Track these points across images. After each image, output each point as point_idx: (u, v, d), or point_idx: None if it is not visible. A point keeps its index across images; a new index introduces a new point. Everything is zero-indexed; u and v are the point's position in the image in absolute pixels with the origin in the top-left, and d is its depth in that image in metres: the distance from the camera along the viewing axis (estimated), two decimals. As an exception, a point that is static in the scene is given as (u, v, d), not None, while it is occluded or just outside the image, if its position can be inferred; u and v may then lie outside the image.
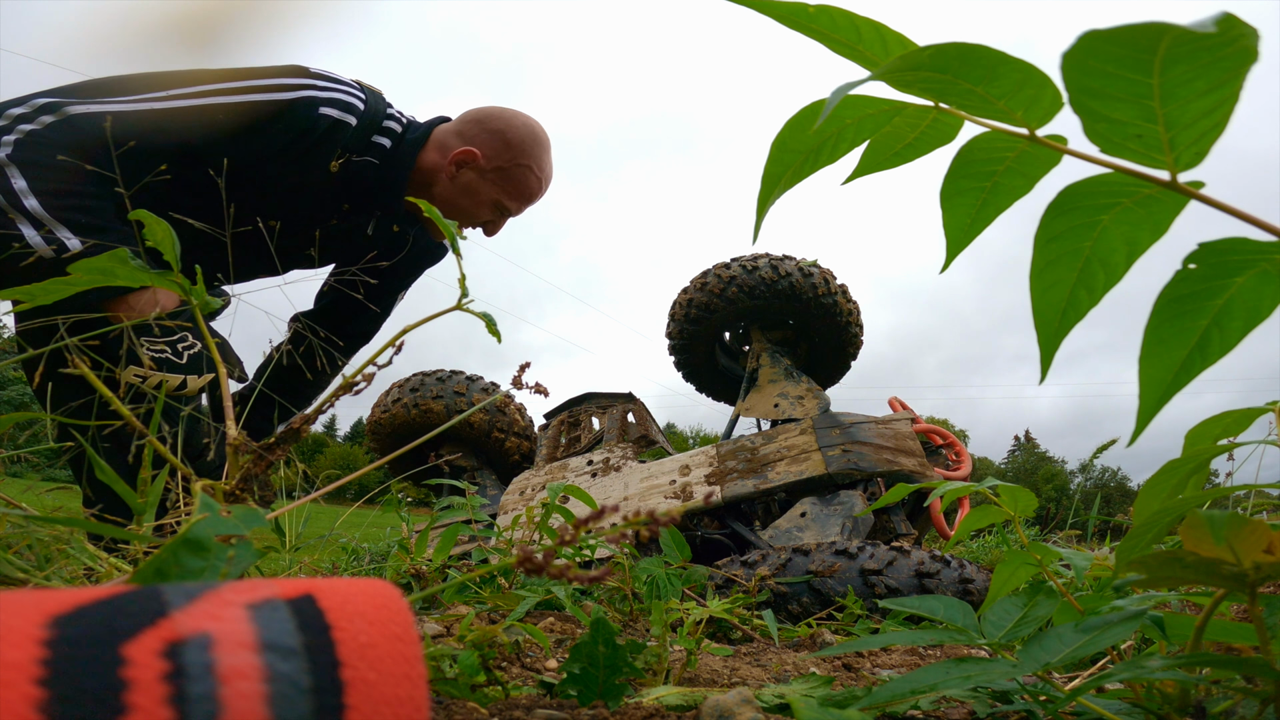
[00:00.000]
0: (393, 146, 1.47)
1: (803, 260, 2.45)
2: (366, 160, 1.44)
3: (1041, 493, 33.45)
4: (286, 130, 1.30)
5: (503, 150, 1.51)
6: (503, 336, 0.74)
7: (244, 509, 0.36)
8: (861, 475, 1.84)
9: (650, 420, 2.77)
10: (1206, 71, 0.33)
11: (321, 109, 1.32)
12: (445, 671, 0.56)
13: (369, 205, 1.52)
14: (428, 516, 1.62)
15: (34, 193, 1.07)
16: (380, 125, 1.45)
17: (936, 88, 0.40)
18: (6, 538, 0.53)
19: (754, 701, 0.52)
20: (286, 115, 1.29)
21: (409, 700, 0.27)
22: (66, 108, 1.14)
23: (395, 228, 1.58)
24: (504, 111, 1.56)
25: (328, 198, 1.46)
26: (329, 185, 1.43)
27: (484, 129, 1.52)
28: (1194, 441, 0.53)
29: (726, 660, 0.87)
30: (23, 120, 1.12)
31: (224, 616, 0.25)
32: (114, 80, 1.22)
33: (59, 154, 1.10)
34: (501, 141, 1.51)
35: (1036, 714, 0.54)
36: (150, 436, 0.56)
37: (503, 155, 1.51)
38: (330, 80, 1.36)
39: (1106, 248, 0.42)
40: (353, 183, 1.45)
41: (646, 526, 0.34)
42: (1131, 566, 0.43)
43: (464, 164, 1.49)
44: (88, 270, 0.53)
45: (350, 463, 33.95)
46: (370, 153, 1.44)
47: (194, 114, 1.22)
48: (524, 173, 1.53)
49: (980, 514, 0.70)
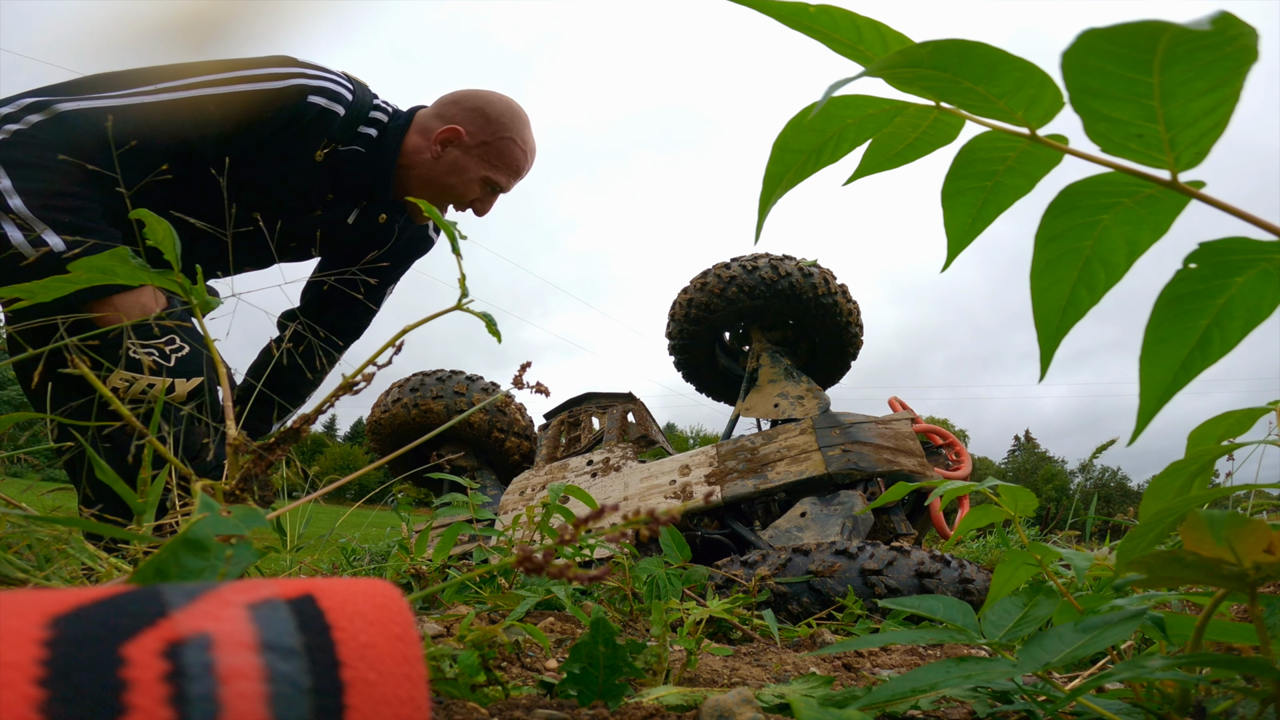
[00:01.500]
0: (379, 136, 1.47)
1: (803, 260, 2.45)
2: (353, 150, 1.44)
3: (1041, 493, 33.45)
4: (275, 118, 1.30)
5: (484, 125, 1.52)
6: (504, 336, 0.74)
7: (244, 509, 0.36)
8: (861, 475, 1.84)
9: (650, 420, 2.77)
10: (1206, 71, 0.33)
11: (310, 97, 1.32)
12: (445, 671, 0.56)
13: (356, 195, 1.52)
14: (428, 516, 1.62)
15: (19, 192, 1.07)
16: (367, 116, 1.46)
17: (937, 86, 0.40)
18: (6, 538, 0.53)
19: (754, 701, 0.52)
20: (275, 103, 1.29)
21: (409, 700, 0.27)
22: (53, 105, 1.14)
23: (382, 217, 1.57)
24: (479, 90, 1.58)
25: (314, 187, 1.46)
26: (315, 175, 1.43)
27: (462, 108, 1.54)
28: (1197, 442, 0.53)
29: (726, 660, 0.87)
30: (8, 120, 1.11)
31: (224, 616, 0.25)
32: (101, 77, 1.22)
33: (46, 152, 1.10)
34: (482, 117, 1.53)
35: (1036, 714, 0.54)
36: (150, 436, 0.56)
37: (485, 130, 1.52)
38: (318, 70, 1.36)
39: (1107, 247, 0.42)
40: (340, 172, 1.45)
41: (646, 526, 0.34)
42: (1132, 566, 0.43)
43: (449, 142, 1.51)
44: (88, 269, 0.53)
45: (350, 463, 33.94)
46: (357, 142, 1.45)
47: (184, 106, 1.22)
48: (508, 145, 1.54)
49: (980, 514, 0.70)
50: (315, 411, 0.59)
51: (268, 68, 1.30)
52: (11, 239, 1.05)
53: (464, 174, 1.52)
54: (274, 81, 1.29)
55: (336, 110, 1.37)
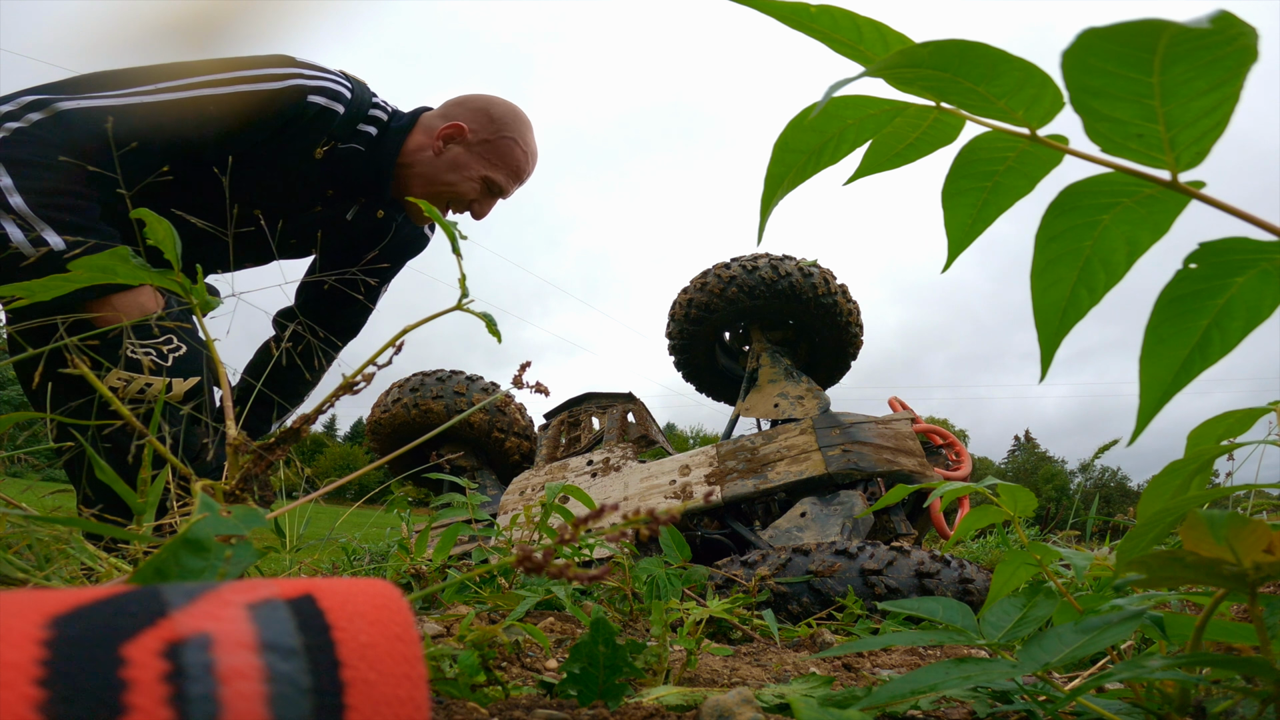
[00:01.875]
0: (379, 135, 1.48)
1: (803, 260, 2.45)
2: (352, 148, 1.45)
3: (1041, 493, 33.45)
4: (276, 118, 1.31)
5: (487, 124, 1.54)
6: (504, 336, 0.74)
7: (244, 509, 0.36)
8: (861, 475, 1.84)
9: (650, 420, 2.77)
10: (1207, 70, 0.33)
11: (310, 97, 1.33)
12: (445, 671, 0.56)
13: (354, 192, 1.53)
14: (427, 516, 1.62)
15: (20, 190, 1.07)
16: (366, 114, 1.47)
17: (937, 86, 0.40)
18: (6, 538, 0.53)
19: (754, 701, 0.52)
20: (275, 104, 1.30)
21: (409, 700, 0.27)
22: (54, 104, 1.14)
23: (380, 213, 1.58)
24: (484, 94, 1.60)
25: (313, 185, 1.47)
26: (314, 173, 1.44)
27: (466, 108, 1.56)
28: (1196, 442, 0.53)
29: (726, 660, 0.87)
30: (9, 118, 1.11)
31: (224, 616, 0.25)
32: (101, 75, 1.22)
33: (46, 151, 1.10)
34: (486, 116, 1.54)
35: (1036, 714, 0.54)
36: (150, 436, 0.56)
37: (488, 129, 1.54)
38: (317, 69, 1.37)
39: (1107, 247, 0.42)
40: (339, 170, 1.46)
41: (646, 525, 0.34)
42: (1131, 566, 0.43)
43: (451, 139, 1.52)
44: (89, 268, 0.53)
45: (350, 463, 33.92)
46: (356, 140, 1.46)
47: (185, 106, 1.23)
48: (510, 145, 1.56)
49: (980, 514, 0.70)
50: (315, 411, 0.59)
51: (267, 68, 1.30)
52: (12, 238, 1.05)
53: (464, 171, 1.53)
54: (273, 82, 1.30)
55: (336, 109, 1.37)
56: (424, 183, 1.53)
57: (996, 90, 0.39)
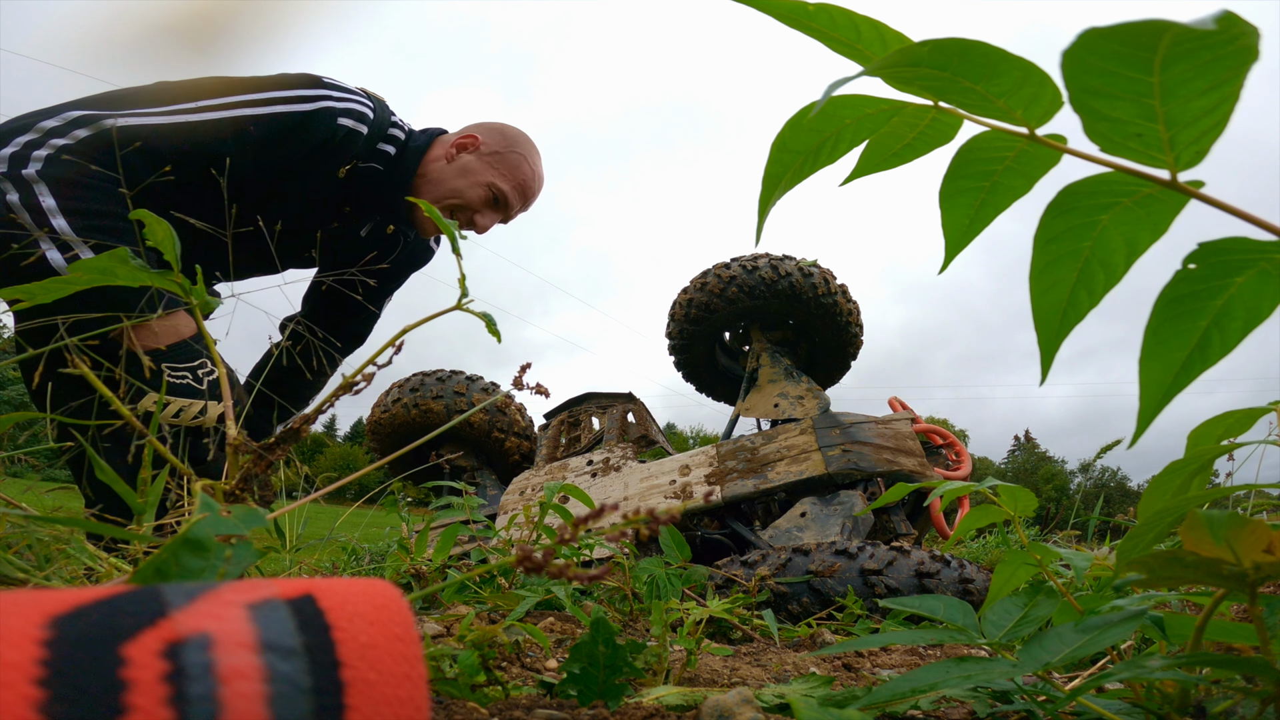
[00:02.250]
0: (397, 153, 1.53)
1: (803, 260, 2.45)
2: (371, 167, 1.49)
3: (1041, 493, 33.42)
4: (308, 140, 1.34)
5: (500, 139, 1.60)
6: (504, 336, 0.74)
7: (244, 509, 0.36)
8: (861, 475, 1.84)
9: (650, 420, 2.77)
10: (1207, 70, 0.33)
11: (339, 119, 1.37)
12: (445, 671, 0.56)
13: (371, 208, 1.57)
14: (427, 516, 1.62)
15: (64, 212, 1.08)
16: (386, 133, 1.51)
17: (936, 85, 0.40)
18: (6, 538, 0.53)
19: (754, 701, 0.52)
20: (308, 126, 1.33)
21: (409, 700, 0.27)
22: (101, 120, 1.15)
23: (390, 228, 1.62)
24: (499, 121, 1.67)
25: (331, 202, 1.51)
26: (334, 190, 1.48)
27: (482, 126, 1.63)
28: (1196, 442, 0.53)
29: (726, 660, 0.87)
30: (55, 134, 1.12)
31: (224, 616, 0.25)
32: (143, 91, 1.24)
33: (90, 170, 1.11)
34: (499, 133, 1.61)
35: (1036, 714, 0.54)
36: (150, 436, 0.56)
37: (500, 143, 1.60)
38: (342, 90, 1.40)
39: (1106, 248, 0.41)
40: (357, 187, 1.50)
41: (646, 525, 0.34)
42: (1132, 566, 0.43)
43: (463, 148, 1.57)
44: (88, 270, 0.53)
45: (350, 463, 33.92)
46: (375, 159, 1.50)
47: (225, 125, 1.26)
48: (519, 159, 1.61)
49: (980, 514, 0.70)
50: (315, 411, 0.59)
51: (297, 89, 1.34)
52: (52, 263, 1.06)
53: (471, 176, 1.56)
54: (305, 104, 1.33)
55: (361, 130, 1.41)
56: (433, 188, 1.56)
57: (995, 89, 0.38)
